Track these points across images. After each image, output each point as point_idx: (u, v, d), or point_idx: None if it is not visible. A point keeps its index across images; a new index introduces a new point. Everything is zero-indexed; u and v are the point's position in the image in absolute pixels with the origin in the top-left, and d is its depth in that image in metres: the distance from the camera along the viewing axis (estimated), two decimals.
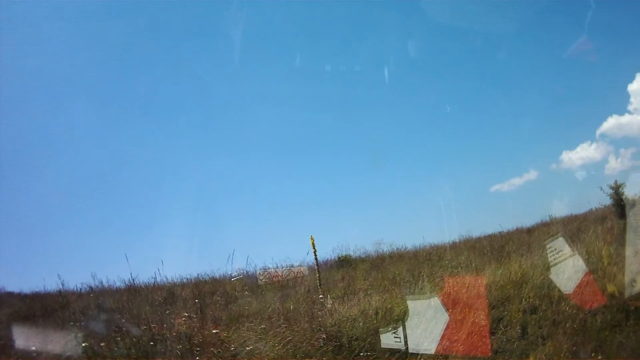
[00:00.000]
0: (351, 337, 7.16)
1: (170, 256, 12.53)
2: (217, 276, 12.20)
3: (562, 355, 6.50)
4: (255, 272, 11.61)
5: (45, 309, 11.35)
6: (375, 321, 7.44)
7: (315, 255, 10.32)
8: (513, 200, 16.75)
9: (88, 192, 16.20)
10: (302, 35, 17.91)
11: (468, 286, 7.83)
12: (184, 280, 12.42)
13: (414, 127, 18.30)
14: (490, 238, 14.02)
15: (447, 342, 6.76)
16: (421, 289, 8.84)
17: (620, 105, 16.33)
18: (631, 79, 15.56)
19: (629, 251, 7.51)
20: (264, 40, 18.01)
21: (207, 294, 10.56)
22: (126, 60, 17.63)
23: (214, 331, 7.84)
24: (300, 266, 11.56)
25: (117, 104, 16.64)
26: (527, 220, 15.15)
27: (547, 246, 8.04)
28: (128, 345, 7.95)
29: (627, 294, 7.13)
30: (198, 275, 12.46)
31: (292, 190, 17.76)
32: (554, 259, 7.75)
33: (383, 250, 13.90)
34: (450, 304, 7.51)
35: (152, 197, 16.06)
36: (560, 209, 14.59)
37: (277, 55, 18.34)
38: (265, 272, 11.36)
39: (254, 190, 17.20)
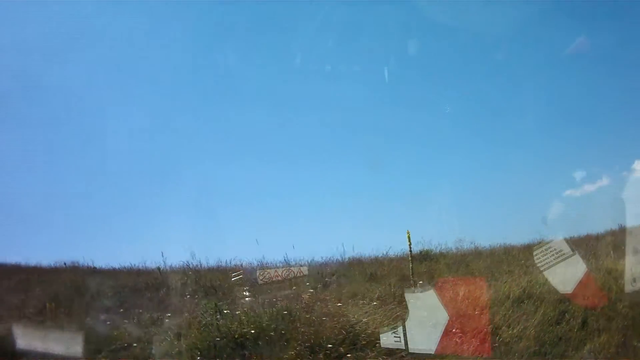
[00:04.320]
0: None
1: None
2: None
3: (612, 344, 8.22)
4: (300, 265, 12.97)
5: (149, 284, 13.86)
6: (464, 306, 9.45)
7: (410, 248, 12.00)
8: (584, 206, 17.66)
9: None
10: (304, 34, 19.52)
11: (541, 283, 9.69)
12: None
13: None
14: None
15: (522, 327, 8.74)
16: (503, 282, 10.68)
17: None
18: None
19: None
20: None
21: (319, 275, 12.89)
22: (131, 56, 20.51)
23: (338, 304, 9.96)
24: (301, 266, 12.57)
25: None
26: (597, 226, 15.70)
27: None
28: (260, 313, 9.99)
29: None
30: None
31: (388, 186, 20.06)
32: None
33: (463, 248, 15.24)
34: (525, 297, 9.48)
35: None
36: (631, 217, 15.40)
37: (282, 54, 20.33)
38: (265, 272, 12.28)
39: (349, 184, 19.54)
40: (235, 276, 13.31)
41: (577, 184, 18.51)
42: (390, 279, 12.50)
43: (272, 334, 9.22)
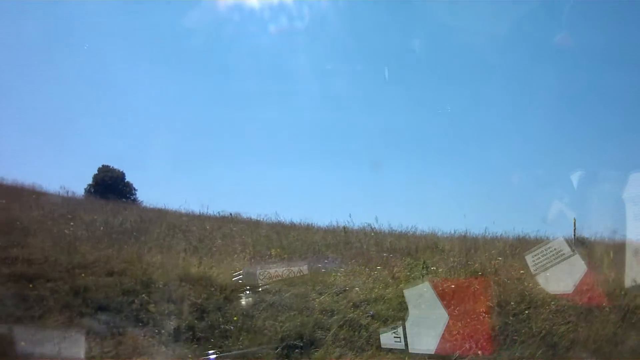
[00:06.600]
0: None
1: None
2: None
3: None
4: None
5: (339, 240, 15.93)
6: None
7: (575, 233, 14.08)
8: None
9: None
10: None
11: None
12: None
13: None
14: None
15: None
16: None
17: None
18: None
19: None
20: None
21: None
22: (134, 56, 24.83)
23: (520, 272, 12.03)
24: (301, 266, 12.76)
25: None
26: None
27: None
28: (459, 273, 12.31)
29: None
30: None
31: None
32: None
33: (615, 239, 15.14)
34: None
35: None
36: None
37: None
38: (265, 272, 12.36)
39: None
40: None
41: None
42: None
43: (467, 289, 11.30)
